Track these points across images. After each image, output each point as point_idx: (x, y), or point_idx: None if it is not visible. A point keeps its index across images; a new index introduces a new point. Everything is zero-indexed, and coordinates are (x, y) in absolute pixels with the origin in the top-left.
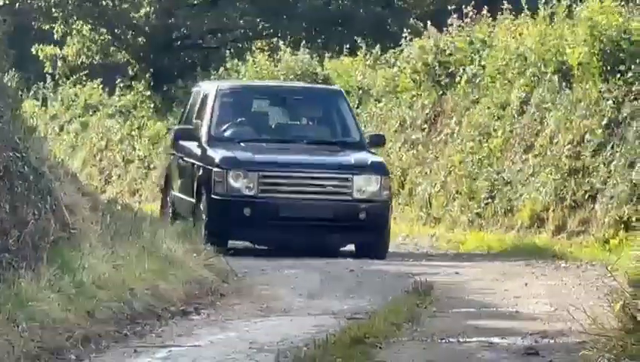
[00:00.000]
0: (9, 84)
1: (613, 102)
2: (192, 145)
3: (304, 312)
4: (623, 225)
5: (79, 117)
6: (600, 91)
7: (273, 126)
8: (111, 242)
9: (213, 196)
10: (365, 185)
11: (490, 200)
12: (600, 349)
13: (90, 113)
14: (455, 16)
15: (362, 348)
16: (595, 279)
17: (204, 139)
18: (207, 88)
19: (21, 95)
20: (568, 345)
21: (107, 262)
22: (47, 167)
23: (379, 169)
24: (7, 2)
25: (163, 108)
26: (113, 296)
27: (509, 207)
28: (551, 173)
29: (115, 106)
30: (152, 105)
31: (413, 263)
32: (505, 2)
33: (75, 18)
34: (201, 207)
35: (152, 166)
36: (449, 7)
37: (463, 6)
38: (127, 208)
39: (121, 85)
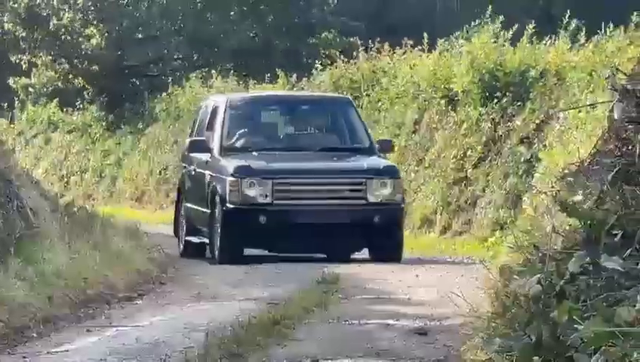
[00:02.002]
0: None
1: (491, 123)
2: (204, 157)
3: (230, 298)
4: (499, 226)
5: (42, 133)
6: (480, 114)
7: (284, 135)
8: (68, 239)
9: (227, 205)
10: (379, 189)
11: None
12: (476, 329)
13: (52, 130)
14: (362, 49)
15: (279, 329)
16: (474, 271)
17: (216, 149)
18: (217, 101)
19: None
20: (451, 326)
21: (65, 256)
22: (15, 175)
23: (392, 172)
24: None
25: (113, 127)
26: (69, 284)
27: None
28: (439, 182)
29: (73, 124)
30: (104, 124)
31: (322, 259)
32: (405, 38)
33: (38, 50)
34: (216, 217)
35: (103, 175)
36: (358, 42)
37: (370, 40)
38: (82, 210)
39: (79, 106)
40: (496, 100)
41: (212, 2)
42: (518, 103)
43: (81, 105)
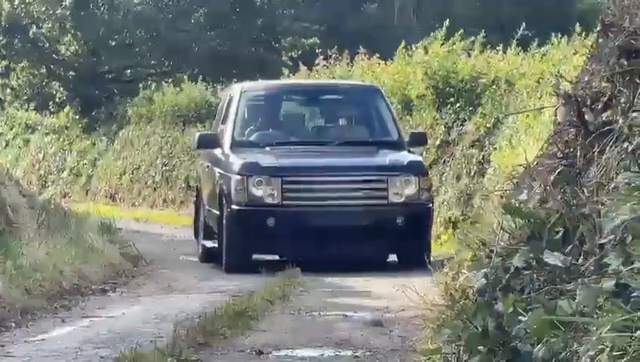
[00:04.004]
0: None
1: (445, 127)
2: (216, 153)
3: (198, 291)
4: (451, 224)
5: (21, 135)
6: (434, 118)
7: (303, 128)
8: (45, 234)
9: (233, 206)
10: (402, 188)
11: None
12: (427, 320)
13: (30, 132)
14: (322, 57)
15: (243, 319)
16: (428, 267)
17: (226, 144)
18: (233, 91)
19: None
20: (405, 318)
21: (42, 250)
22: None
23: (417, 169)
24: None
25: (89, 129)
26: (46, 277)
27: None
28: None
29: (51, 126)
30: (80, 126)
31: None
32: (361, 47)
33: (17, 56)
34: (223, 219)
35: (79, 174)
36: (317, 50)
37: (328, 50)
38: (59, 208)
39: (55, 109)
40: (449, 106)
41: (183, 11)
42: (470, 108)
43: (58, 109)
